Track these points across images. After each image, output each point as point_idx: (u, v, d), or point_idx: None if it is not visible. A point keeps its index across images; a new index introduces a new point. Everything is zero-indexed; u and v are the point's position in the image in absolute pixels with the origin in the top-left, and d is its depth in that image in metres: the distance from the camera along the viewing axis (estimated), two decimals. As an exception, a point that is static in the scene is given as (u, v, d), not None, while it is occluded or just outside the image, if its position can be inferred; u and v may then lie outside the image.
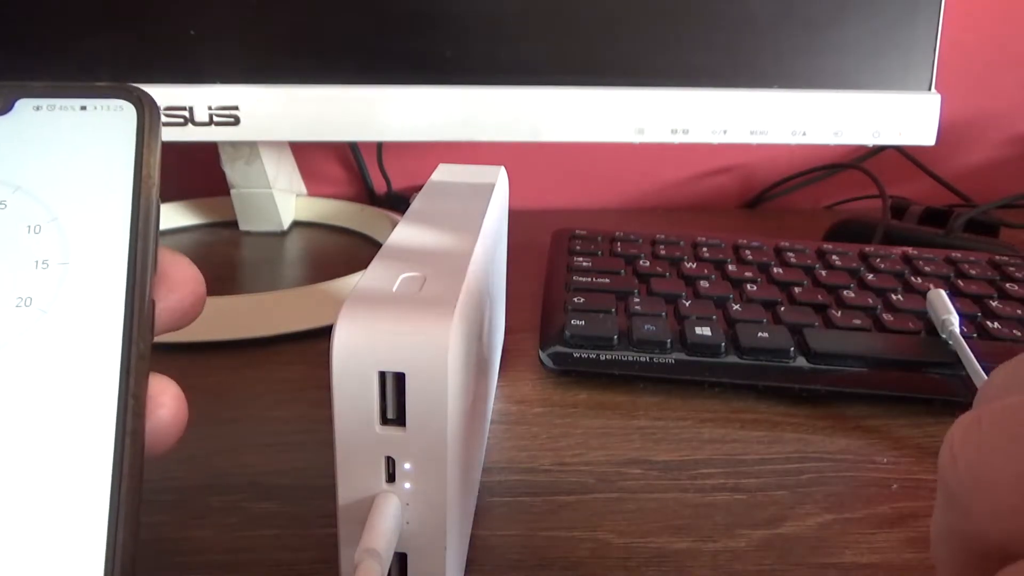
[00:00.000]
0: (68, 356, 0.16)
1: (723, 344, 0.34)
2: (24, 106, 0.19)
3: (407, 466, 0.18)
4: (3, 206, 0.18)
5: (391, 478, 0.18)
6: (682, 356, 0.34)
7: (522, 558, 0.24)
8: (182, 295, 0.19)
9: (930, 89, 0.43)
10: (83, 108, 0.19)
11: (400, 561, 0.19)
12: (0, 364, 0.16)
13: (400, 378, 0.17)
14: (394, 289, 0.19)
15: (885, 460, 0.29)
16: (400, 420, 0.18)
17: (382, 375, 0.18)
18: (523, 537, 0.25)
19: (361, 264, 0.43)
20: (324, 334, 0.38)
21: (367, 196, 0.65)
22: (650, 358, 0.33)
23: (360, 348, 0.17)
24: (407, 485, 0.18)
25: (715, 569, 0.24)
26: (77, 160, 0.18)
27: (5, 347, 0.16)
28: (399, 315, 0.18)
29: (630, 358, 0.33)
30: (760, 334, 0.34)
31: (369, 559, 0.17)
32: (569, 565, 0.24)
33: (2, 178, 0.18)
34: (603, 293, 0.38)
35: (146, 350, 0.17)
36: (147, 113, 0.19)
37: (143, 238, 0.18)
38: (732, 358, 0.34)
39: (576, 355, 0.34)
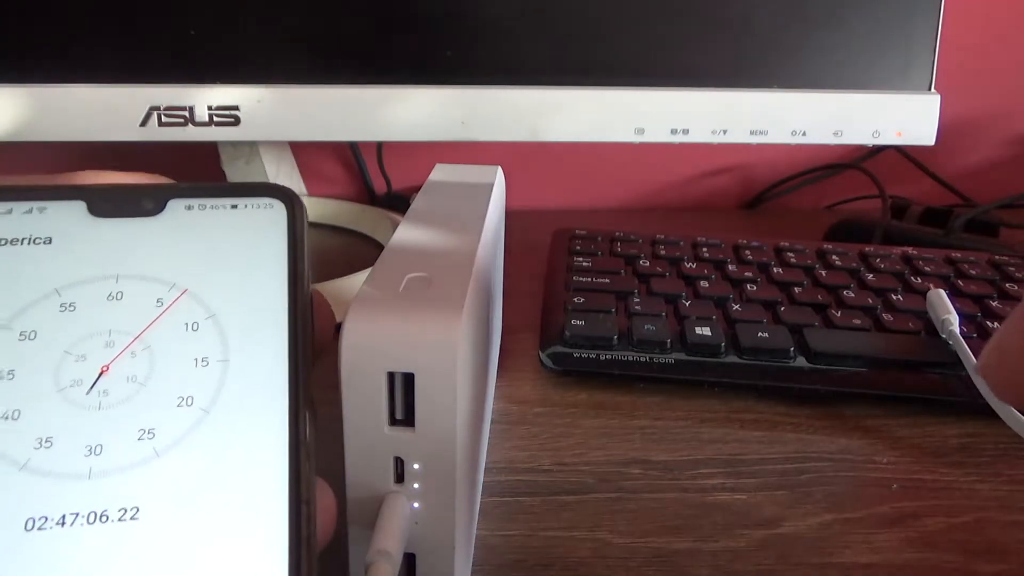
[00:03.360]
0: (232, 458, 0.16)
1: (723, 344, 0.34)
2: (176, 206, 0.19)
3: (416, 466, 0.18)
4: (160, 304, 0.17)
5: (400, 478, 0.18)
6: (682, 356, 0.34)
7: (522, 558, 0.24)
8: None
9: (930, 89, 0.43)
10: (234, 207, 0.19)
11: (408, 561, 0.19)
12: (164, 466, 0.16)
13: (409, 378, 0.17)
14: (401, 289, 0.19)
15: (885, 460, 0.29)
16: (408, 420, 0.18)
17: (391, 375, 0.18)
18: (523, 537, 0.25)
19: (361, 264, 0.43)
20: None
21: (367, 196, 0.65)
22: (650, 358, 0.33)
23: (369, 349, 0.17)
24: (416, 485, 0.18)
25: (715, 569, 0.24)
26: (230, 257, 0.18)
27: (168, 448, 0.16)
28: (407, 315, 0.18)
29: (630, 358, 0.33)
30: (760, 334, 0.34)
31: (381, 560, 0.17)
32: (569, 565, 0.24)
33: (157, 276, 0.18)
34: (603, 293, 0.38)
35: (311, 448, 0.17)
36: (296, 210, 0.19)
37: (302, 335, 0.18)
38: (732, 358, 0.34)
39: (576, 355, 0.34)
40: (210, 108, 0.39)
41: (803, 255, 0.43)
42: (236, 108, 0.39)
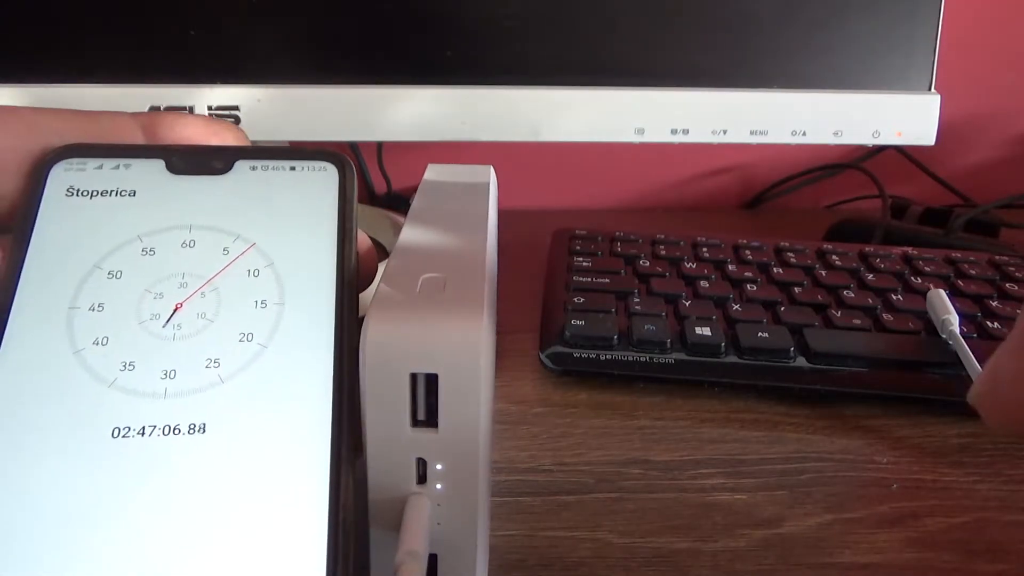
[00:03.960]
0: (285, 387, 0.18)
1: (723, 344, 0.34)
2: (242, 166, 0.21)
3: (439, 467, 0.18)
4: (226, 252, 0.20)
5: (422, 479, 0.18)
6: (682, 356, 0.34)
7: (522, 558, 0.24)
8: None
9: (930, 89, 0.43)
10: (292, 168, 0.22)
11: (430, 562, 0.19)
12: (227, 390, 0.18)
13: (432, 379, 0.18)
14: (418, 291, 0.19)
15: (885, 460, 0.29)
16: (431, 421, 0.18)
17: (413, 376, 0.18)
18: (523, 537, 0.25)
19: (361, 264, 0.43)
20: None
21: (367, 196, 0.65)
22: (650, 358, 0.33)
23: (392, 350, 0.17)
24: (439, 486, 0.18)
25: (715, 569, 0.24)
26: (288, 213, 0.21)
27: (231, 376, 0.18)
28: (430, 317, 0.18)
29: (630, 358, 0.33)
30: (760, 334, 0.34)
31: (411, 561, 0.17)
32: (569, 565, 0.24)
33: (224, 227, 0.20)
34: (603, 293, 0.38)
35: (353, 383, 0.18)
36: (347, 173, 0.22)
37: (349, 285, 0.20)
38: (732, 358, 0.34)
39: (576, 355, 0.34)
40: (210, 108, 0.39)
41: (803, 255, 0.43)
42: (236, 108, 0.39)
